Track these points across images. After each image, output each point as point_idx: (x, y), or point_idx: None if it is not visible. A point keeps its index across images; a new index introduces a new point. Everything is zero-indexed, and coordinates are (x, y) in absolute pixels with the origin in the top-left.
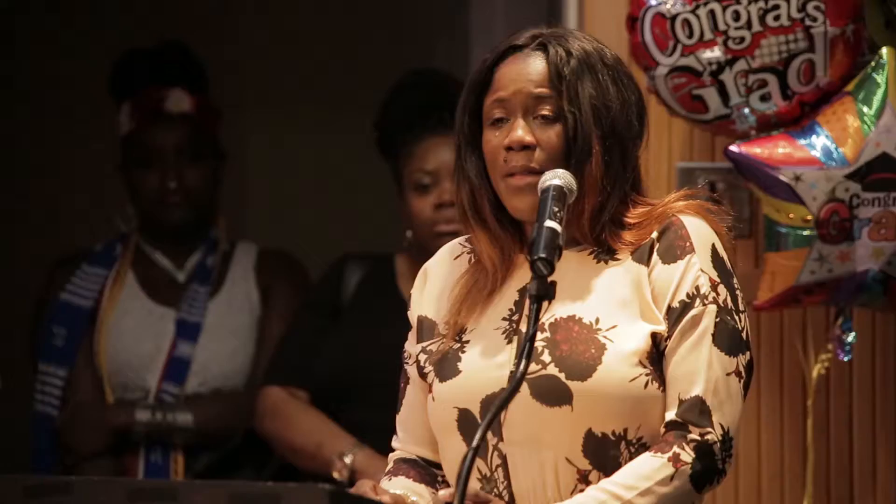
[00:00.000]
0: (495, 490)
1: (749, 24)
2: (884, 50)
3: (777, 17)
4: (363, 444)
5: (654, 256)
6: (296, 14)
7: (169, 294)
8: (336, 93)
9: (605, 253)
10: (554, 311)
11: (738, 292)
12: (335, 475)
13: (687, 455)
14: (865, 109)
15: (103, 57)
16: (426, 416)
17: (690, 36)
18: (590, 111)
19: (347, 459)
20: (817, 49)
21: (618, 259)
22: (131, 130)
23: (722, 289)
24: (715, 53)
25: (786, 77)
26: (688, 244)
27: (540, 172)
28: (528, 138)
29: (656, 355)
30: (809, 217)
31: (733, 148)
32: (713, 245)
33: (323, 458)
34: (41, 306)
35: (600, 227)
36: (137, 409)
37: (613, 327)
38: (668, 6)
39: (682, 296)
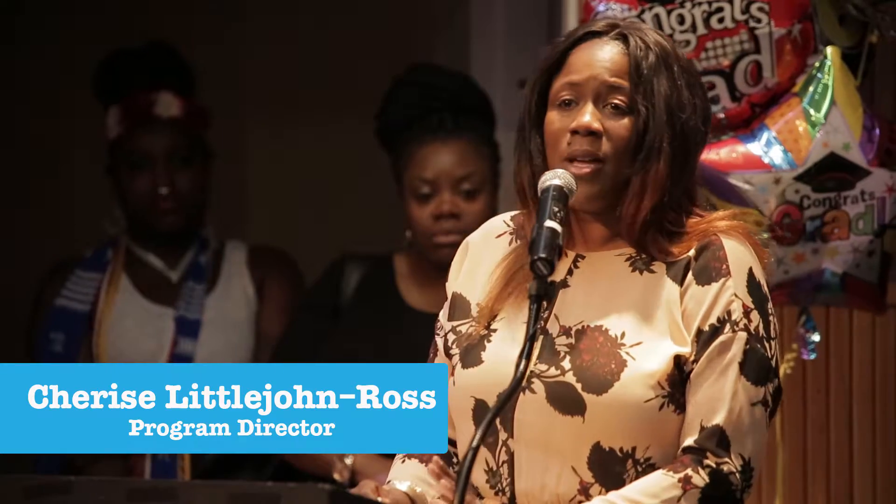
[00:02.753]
0: (499, 485)
1: (694, 28)
2: (828, 50)
3: (721, 20)
4: None
5: (689, 276)
6: (295, 14)
7: (164, 294)
8: (336, 92)
9: (642, 261)
10: (583, 318)
11: (771, 318)
12: (336, 476)
13: (699, 479)
14: (812, 111)
15: (103, 57)
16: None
17: None
18: (664, 109)
19: (348, 460)
20: (763, 50)
21: (653, 271)
22: (120, 135)
23: (755, 315)
24: None
25: (733, 79)
26: (724, 267)
27: (603, 161)
28: (597, 125)
29: (677, 377)
30: (763, 221)
31: None
32: (750, 269)
33: (323, 459)
34: (35, 315)
35: (648, 230)
36: None
37: (638, 344)
38: (615, 11)
39: (712, 319)
